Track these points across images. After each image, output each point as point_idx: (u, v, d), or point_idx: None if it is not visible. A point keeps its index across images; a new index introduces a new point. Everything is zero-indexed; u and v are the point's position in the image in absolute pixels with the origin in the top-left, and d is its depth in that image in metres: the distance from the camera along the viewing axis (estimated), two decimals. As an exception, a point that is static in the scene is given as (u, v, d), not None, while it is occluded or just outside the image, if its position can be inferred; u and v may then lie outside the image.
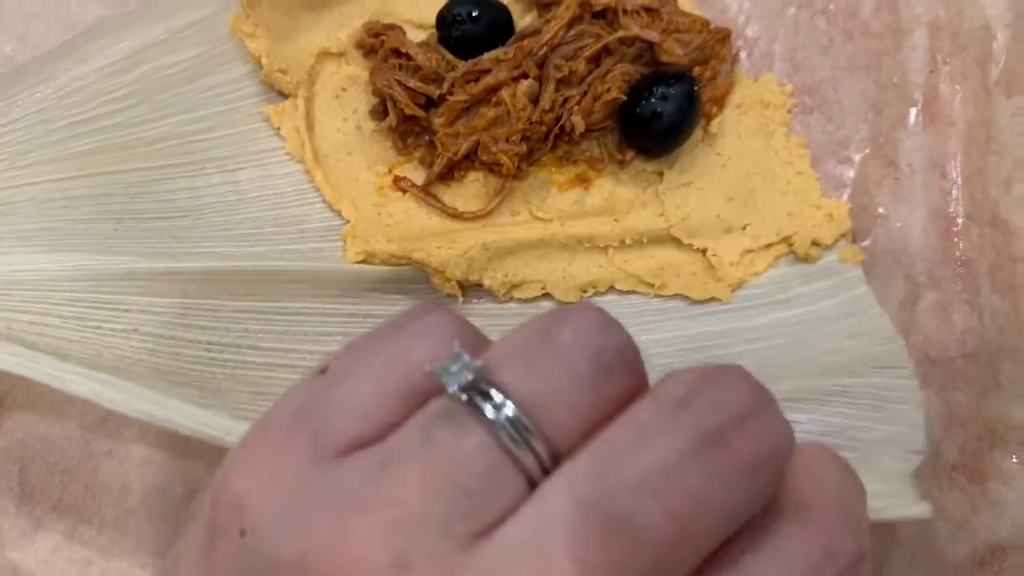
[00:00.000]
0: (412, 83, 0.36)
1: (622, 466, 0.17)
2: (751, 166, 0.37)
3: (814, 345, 0.33)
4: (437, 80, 0.36)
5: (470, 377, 0.18)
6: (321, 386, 0.20)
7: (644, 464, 0.17)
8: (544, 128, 0.36)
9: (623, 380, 0.19)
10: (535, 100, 0.36)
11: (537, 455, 0.18)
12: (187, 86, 0.36)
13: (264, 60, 0.36)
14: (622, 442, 0.18)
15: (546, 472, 0.18)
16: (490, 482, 0.18)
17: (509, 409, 0.18)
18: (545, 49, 0.36)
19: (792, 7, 0.39)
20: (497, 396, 0.18)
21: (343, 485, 0.18)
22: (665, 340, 0.35)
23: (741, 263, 0.35)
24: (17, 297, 0.32)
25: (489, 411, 0.18)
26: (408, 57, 0.36)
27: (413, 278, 0.35)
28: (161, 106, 0.36)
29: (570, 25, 0.36)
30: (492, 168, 0.36)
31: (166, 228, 0.34)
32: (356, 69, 0.38)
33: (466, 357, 0.19)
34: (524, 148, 0.35)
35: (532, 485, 0.18)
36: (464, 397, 0.18)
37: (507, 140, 0.35)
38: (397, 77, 0.36)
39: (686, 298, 0.35)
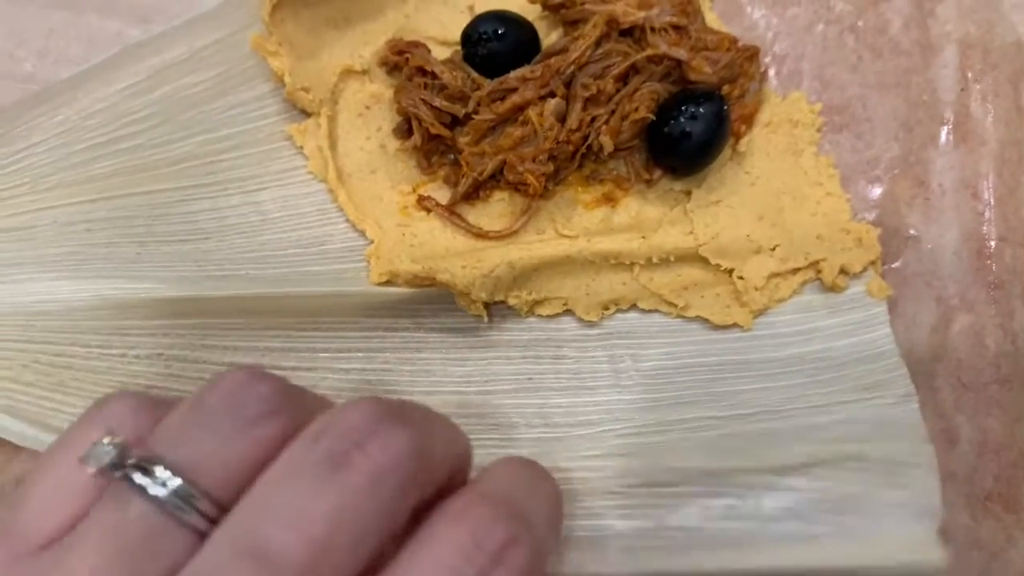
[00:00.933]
0: (437, 102, 0.35)
1: (267, 504, 0.20)
2: (780, 185, 0.36)
3: (831, 387, 0.33)
4: (462, 99, 0.35)
5: (111, 457, 0.21)
6: (16, 494, 0.23)
7: (283, 498, 0.20)
8: (571, 147, 0.35)
9: (271, 425, 0.22)
10: (562, 119, 0.35)
11: (202, 512, 0.21)
12: (209, 105, 0.36)
13: (287, 78, 0.35)
14: (269, 482, 0.21)
15: (215, 523, 0.21)
16: (154, 544, 0.20)
17: (170, 479, 0.21)
18: (572, 68, 0.35)
19: (821, 24, 0.39)
20: (159, 470, 0.21)
21: (38, 573, 0.21)
22: (684, 367, 0.34)
23: (767, 288, 0.35)
24: (41, 327, 0.32)
25: (150, 485, 0.21)
26: (433, 75, 0.36)
27: (438, 295, 0.35)
28: (183, 126, 0.35)
29: (597, 43, 0.35)
30: (518, 188, 0.36)
31: (189, 251, 0.34)
32: (380, 87, 0.37)
33: (107, 440, 0.22)
34: (551, 167, 0.35)
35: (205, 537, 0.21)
36: (119, 475, 0.21)
37: (533, 160, 0.35)
38: (422, 96, 0.35)
39: (707, 321, 0.35)
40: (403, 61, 0.36)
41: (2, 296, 0.32)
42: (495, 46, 0.36)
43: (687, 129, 0.35)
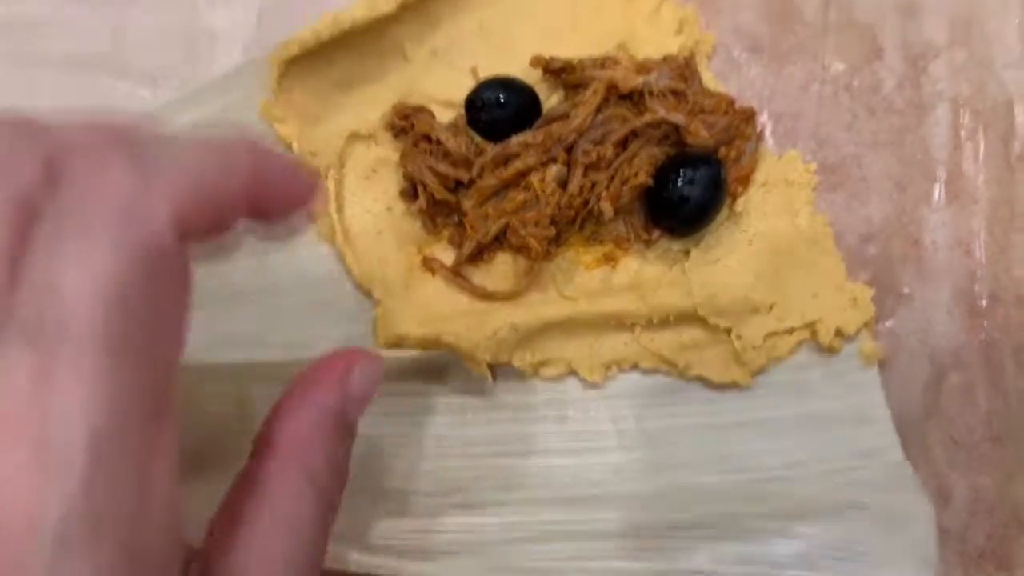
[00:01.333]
0: (442, 167, 0.36)
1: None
2: (777, 245, 0.37)
3: (829, 449, 0.34)
4: (466, 164, 0.36)
5: None
6: None
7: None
8: (572, 212, 0.36)
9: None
10: (563, 184, 0.36)
11: None
12: (218, 172, 0.37)
13: (295, 145, 0.36)
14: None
15: None
16: None
17: None
18: (573, 135, 0.36)
19: (816, 83, 0.40)
20: None
21: None
22: (688, 427, 0.35)
23: (764, 347, 0.36)
24: None
25: None
26: (438, 141, 0.36)
27: (443, 357, 0.35)
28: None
29: (598, 109, 0.36)
30: (520, 250, 0.37)
31: (198, 319, 0.34)
32: (386, 150, 0.38)
33: None
34: (552, 232, 0.36)
35: None
36: None
37: (536, 224, 0.36)
38: (427, 162, 0.36)
39: (707, 380, 0.36)
40: (408, 125, 0.37)
41: None
42: (498, 112, 0.36)
43: (685, 193, 0.35)
